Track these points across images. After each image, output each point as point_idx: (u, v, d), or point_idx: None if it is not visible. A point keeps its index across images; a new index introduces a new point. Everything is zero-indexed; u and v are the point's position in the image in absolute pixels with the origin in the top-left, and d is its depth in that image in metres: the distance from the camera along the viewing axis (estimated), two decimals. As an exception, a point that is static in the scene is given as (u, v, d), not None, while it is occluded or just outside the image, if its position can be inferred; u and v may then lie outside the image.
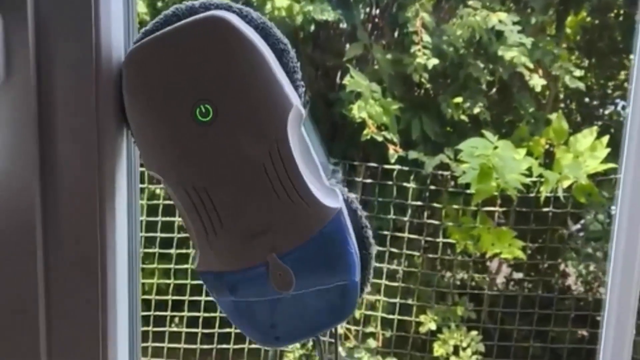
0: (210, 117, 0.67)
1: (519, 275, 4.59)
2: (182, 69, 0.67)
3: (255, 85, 0.68)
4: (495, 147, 3.10)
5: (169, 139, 0.68)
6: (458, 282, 4.24)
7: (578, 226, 4.29)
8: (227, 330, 3.75)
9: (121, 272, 0.79)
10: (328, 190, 0.73)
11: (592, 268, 4.28)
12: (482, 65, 3.88)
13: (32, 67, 0.72)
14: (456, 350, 3.98)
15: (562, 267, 4.33)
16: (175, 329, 3.90)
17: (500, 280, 4.49)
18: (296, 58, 0.73)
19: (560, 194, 3.39)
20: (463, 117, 3.96)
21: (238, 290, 0.72)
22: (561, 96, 4.23)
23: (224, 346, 3.83)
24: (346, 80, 3.56)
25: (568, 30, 4.05)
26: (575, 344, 4.08)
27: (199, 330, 3.82)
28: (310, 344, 4.04)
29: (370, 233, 0.76)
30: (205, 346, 3.89)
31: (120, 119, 0.74)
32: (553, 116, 3.74)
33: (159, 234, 3.68)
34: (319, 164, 0.73)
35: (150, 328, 3.76)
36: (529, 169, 3.32)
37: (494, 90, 4.09)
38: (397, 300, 3.91)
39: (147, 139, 0.70)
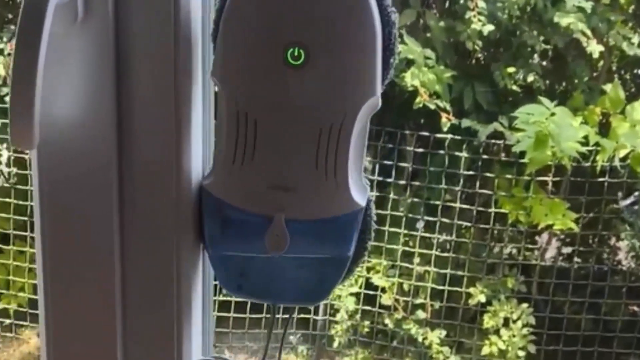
0: (299, 62, 0.65)
1: (568, 250, 4.53)
2: (290, 5, 0.66)
3: (356, 54, 0.67)
4: (552, 114, 3.05)
5: (251, 61, 0.67)
6: (508, 255, 4.20)
7: (632, 199, 4.22)
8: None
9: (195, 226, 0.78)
10: (361, 186, 0.72)
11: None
12: (536, 33, 3.80)
13: (111, 5, 0.70)
14: (506, 322, 3.95)
15: (612, 241, 4.28)
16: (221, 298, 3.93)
17: (550, 254, 4.45)
18: (396, 57, 0.70)
19: (617, 163, 3.32)
20: (515, 87, 3.90)
21: (229, 227, 0.72)
22: (614, 67, 4.15)
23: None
24: (400, 47, 3.51)
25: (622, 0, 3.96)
26: (627, 317, 4.03)
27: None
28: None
29: (368, 245, 0.74)
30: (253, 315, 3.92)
31: (197, 63, 0.73)
32: (607, 87, 3.66)
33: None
34: (364, 160, 0.73)
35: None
36: (585, 137, 3.25)
37: (548, 58, 4.02)
38: (448, 271, 3.88)
39: (229, 48, 0.68)
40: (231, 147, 0.69)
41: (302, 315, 3.88)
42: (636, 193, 4.16)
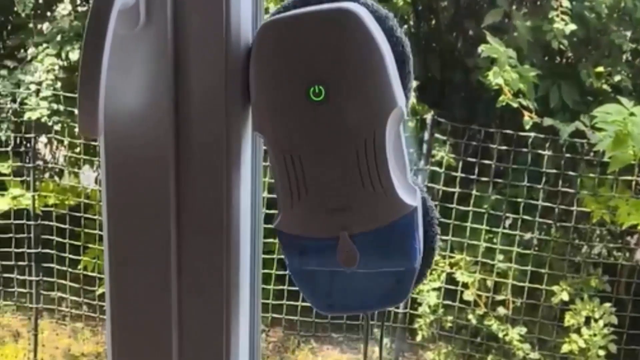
0: (321, 98, 0.74)
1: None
2: (306, 50, 0.74)
3: (369, 79, 0.74)
4: (632, 114, 3.05)
5: (280, 108, 0.76)
6: (598, 254, 4.19)
7: None
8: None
9: (245, 215, 0.85)
10: (409, 188, 0.78)
11: None
12: (624, 32, 3.80)
13: (170, 14, 0.81)
14: (588, 321, 3.95)
15: None
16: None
17: (639, 256, 4.41)
18: (412, 66, 0.78)
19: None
20: (604, 86, 3.90)
21: (306, 256, 0.79)
22: None
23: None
24: (482, 46, 3.57)
25: None
26: None
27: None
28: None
29: (437, 230, 0.81)
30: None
31: (246, 74, 0.82)
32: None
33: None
34: (407, 162, 0.78)
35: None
36: (669, 136, 3.24)
37: (638, 58, 4.00)
38: (529, 268, 3.90)
39: (260, 102, 0.77)
40: (286, 186, 0.77)
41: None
42: None
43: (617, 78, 3.80)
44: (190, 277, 0.84)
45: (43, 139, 4.39)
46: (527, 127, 3.58)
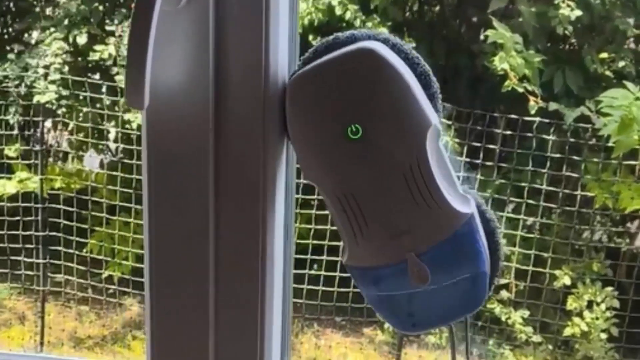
0: (359, 135, 0.78)
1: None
2: (336, 94, 0.78)
3: (400, 108, 0.78)
4: (637, 98, 3.08)
5: (323, 154, 0.80)
6: (598, 240, 4.23)
7: None
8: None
9: (279, 201, 0.89)
10: (461, 197, 0.82)
11: None
12: (629, 19, 3.82)
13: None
14: (590, 305, 3.99)
15: None
16: (314, 272, 4.07)
17: (637, 243, 4.45)
18: (436, 81, 0.82)
19: None
20: (607, 72, 3.93)
21: (381, 283, 0.83)
22: None
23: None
24: (489, 31, 3.60)
25: None
26: None
27: (337, 274, 3.96)
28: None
29: (499, 236, 0.85)
30: (342, 289, 4.04)
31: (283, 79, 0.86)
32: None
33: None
34: (454, 173, 0.82)
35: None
36: (673, 122, 3.27)
37: (641, 44, 4.03)
38: (532, 251, 3.94)
39: (303, 152, 0.82)
40: (347, 225, 0.81)
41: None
42: None
43: (621, 64, 3.82)
44: (227, 256, 0.87)
45: (47, 123, 4.41)
46: (533, 112, 3.60)
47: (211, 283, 0.88)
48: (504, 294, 4.05)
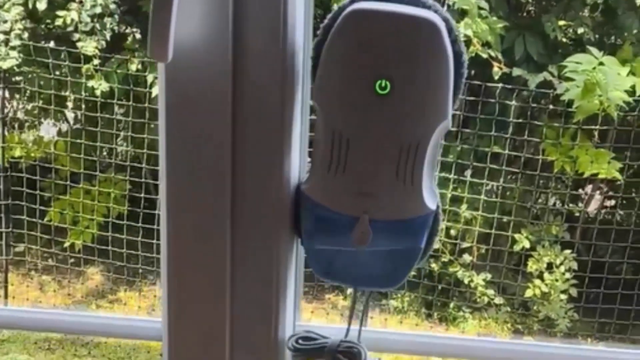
0: (385, 92, 0.80)
1: (611, 203, 4.63)
2: (385, 45, 0.80)
3: (432, 89, 0.80)
4: (601, 63, 3.15)
5: (344, 91, 0.82)
6: (553, 204, 4.32)
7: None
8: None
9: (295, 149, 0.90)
10: (432, 192, 0.86)
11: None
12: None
13: None
14: (550, 267, 4.08)
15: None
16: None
17: (593, 206, 4.55)
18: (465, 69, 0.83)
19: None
20: (565, 39, 4.00)
21: (322, 223, 0.87)
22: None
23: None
24: (454, -3, 3.63)
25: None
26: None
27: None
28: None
29: (436, 238, 0.89)
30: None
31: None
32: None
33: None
34: (436, 169, 0.87)
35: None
36: (633, 87, 3.34)
37: (598, 10, 4.09)
38: (495, 215, 4.00)
39: (328, 79, 0.83)
40: (327, 160, 0.84)
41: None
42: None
43: (580, 30, 3.88)
44: (244, 218, 0.89)
45: (5, 91, 4.34)
46: (497, 77, 3.65)
47: (227, 238, 0.89)
48: (467, 257, 4.12)
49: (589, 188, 4.42)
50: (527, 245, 4.07)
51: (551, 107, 3.82)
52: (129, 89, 3.96)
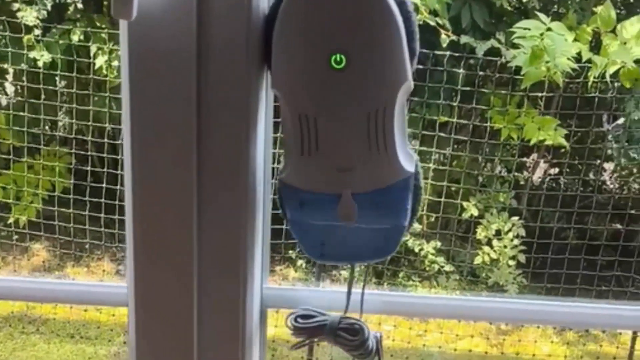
0: (342, 66, 0.80)
1: (555, 170, 4.70)
2: (333, 19, 0.79)
3: (387, 52, 0.80)
4: (548, 29, 3.16)
5: (301, 72, 0.81)
6: (499, 172, 4.36)
7: (619, 122, 4.36)
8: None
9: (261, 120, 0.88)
10: (408, 155, 0.85)
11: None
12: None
13: None
14: (498, 234, 4.12)
15: (597, 162, 4.45)
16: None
17: (538, 174, 4.61)
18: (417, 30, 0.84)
19: (607, 79, 3.44)
20: (510, 8, 4.01)
21: (306, 207, 0.87)
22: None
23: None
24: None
25: None
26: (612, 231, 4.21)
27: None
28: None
29: (421, 197, 0.89)
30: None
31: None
32: (598, 9, 3.77)
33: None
34: (406, 133, 0.86)
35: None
36: (578, 53, 3.37)
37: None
38: (444, 183, 4.02)
39: (283, 62, 0.82)
40: (298, 143, 0.83)
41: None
42: (621, 120, 4.29)
43: (525, -2, 3.91)
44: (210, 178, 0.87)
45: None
46: (444, 45, 3.66)
47: (194, 194, 0.87)
48: (416, 226, 4.14)
49: (534, 156, 4.48)
50: (476, 213, 4.10)
51: (497, 75, 3.84)
52: (72, 60, 3.87)
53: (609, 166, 4.71)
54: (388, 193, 0.85)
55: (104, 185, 3.95)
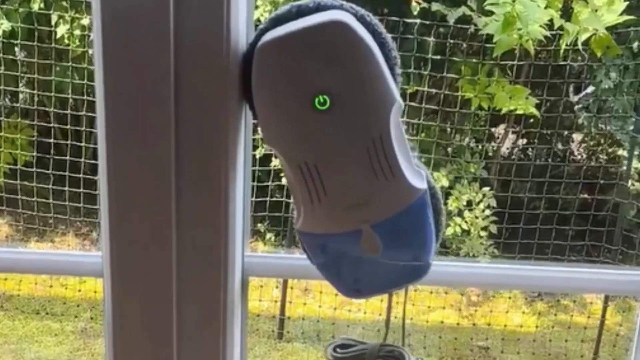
0: (327, 106, 0.77)
1: (524, 141, 4.70)
2: (306, 64, 0.76)
3: (369, 82, 0.77)
4: (522, -5, 3.12)
5: (289, 122, 0.78)
6: (468, 142, 4.34)
7: (587, 90, 4.36)
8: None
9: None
10: (416, 172, 0.82)
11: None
12: None
13: None
14: (469, 205, 4.10)
15: (565, 132, 4.45)
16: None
17: (506, 145, 4.61)
18: (395, 51, 0.81)
19: (579, 46, 3.41)
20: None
21: (330, 249, 0.84)
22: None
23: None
24: None
25: None
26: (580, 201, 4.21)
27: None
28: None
29: (443, 214, 0.86)
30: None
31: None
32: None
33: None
34: (409, 148, 0.83)
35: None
36: (550, 20, 3.33)
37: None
38: (415, 154, 3.97)
39: (268, 120, 0.79)
40: (305, 193, 0.80)
41: (275, 198, 3.98)
42: (591, 87, 4.28)
43: (496, -36, 3.84)
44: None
45: None
46: (415, 12, 3.60)
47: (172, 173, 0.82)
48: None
49: (502, 127, 4.46)
50: (446, 184, 4.08)
51: (465, 45, 3.80)
52: (32, 29, 3.77)
53: (577, 136, 4.71)
54: (407, 215, 0.82)
55: (67, 157, 3.87)
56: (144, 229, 0.84)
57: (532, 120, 4.15)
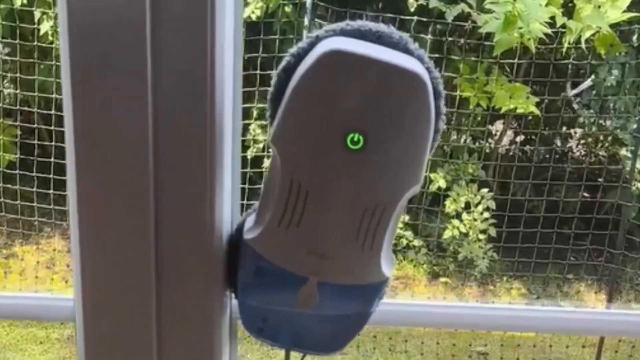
0: (357, 148, 0.69)
1: (521, 138, 4.62)
2: (364, 94, 0.68)
3: (411, 150, 0.70)
4: (523, -7, 3.03)
5: (312, 139, 0.70)
6: (464, 141, 4.27)
7: (586, 84, 4.27)
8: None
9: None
10: (389, 259, 0.76)
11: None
12: None
13: None
14: (468, 206, 4.02)
15: (564, 129, 4.39)
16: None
17: (504, 143, 4.54)
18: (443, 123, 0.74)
19: (582, 44, 3.33)
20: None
21: (261, 277, 0.77)
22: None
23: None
24: None
25: None
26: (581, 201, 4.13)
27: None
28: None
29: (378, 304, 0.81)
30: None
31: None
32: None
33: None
34: (394, 233, 0.77)
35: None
36: (552, 18, 3.25)
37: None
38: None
39: (293, 125, 0.71)
40: (280, 210, 0.72)
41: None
42: (589, 81, 4.20)
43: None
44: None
45: None
46: (412, 9, 3.51)
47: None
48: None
49: (499, 124, 4.39)
50: (443, 185, 4.00)
51: (463, 41, 3.72)
52: (14, 26, 3.67)
53: (577, 135, 4.64)
54: (357, 292, 0.78)
55: (52, 159, 3.77)
56: (120, 236, 0.77)
57: (530, 117, 4.08)
